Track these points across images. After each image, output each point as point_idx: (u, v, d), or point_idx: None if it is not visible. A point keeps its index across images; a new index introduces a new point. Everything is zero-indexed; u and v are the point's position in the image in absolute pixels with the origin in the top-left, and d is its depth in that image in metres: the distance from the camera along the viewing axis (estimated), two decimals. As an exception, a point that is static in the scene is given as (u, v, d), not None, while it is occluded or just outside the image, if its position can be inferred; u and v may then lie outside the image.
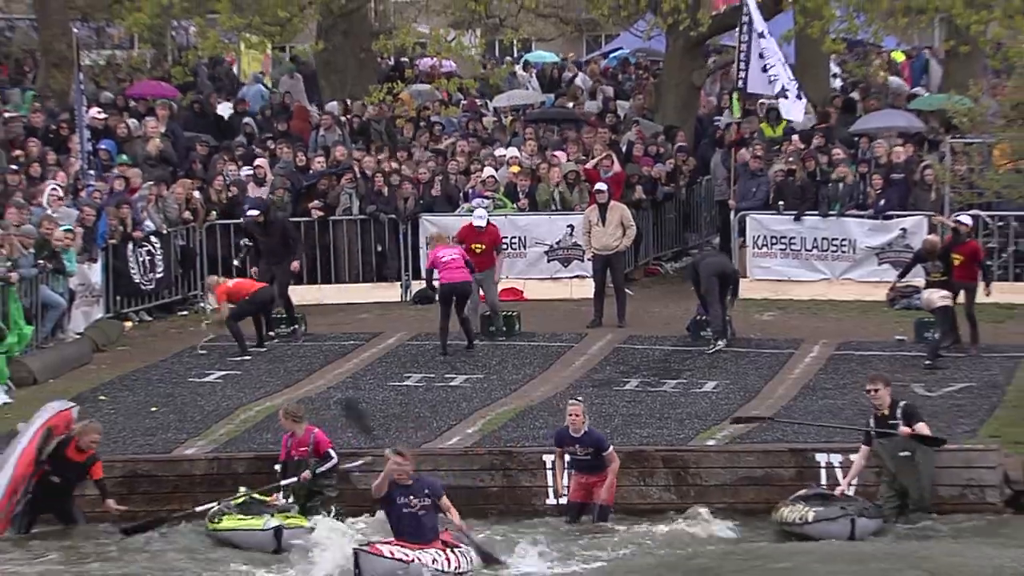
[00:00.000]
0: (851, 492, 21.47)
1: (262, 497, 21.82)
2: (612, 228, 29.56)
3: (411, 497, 18.83)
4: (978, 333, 27.27)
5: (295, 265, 29.87)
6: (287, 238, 29.95)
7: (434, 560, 18.67)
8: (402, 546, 18.66)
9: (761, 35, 30.78)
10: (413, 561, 18.48)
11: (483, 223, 29.31)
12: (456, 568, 18.91)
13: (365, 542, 18.90)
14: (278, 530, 21.14)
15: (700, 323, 28.38)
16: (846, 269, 30.56)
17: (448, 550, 18.95)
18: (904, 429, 21.39)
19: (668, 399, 25.12)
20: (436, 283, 28.76)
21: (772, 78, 30.85)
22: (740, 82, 31.64)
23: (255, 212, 29.97)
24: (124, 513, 21.99)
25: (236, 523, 21.42)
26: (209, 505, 21.67)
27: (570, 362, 27.43)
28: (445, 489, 19.70)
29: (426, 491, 18.95)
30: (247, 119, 37.71)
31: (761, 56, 30.62)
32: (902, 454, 21.42)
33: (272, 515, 21.46)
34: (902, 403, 21.76)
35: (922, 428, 21.32)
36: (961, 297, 26.98)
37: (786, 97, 31.26)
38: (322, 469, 21.64)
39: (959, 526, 21.18)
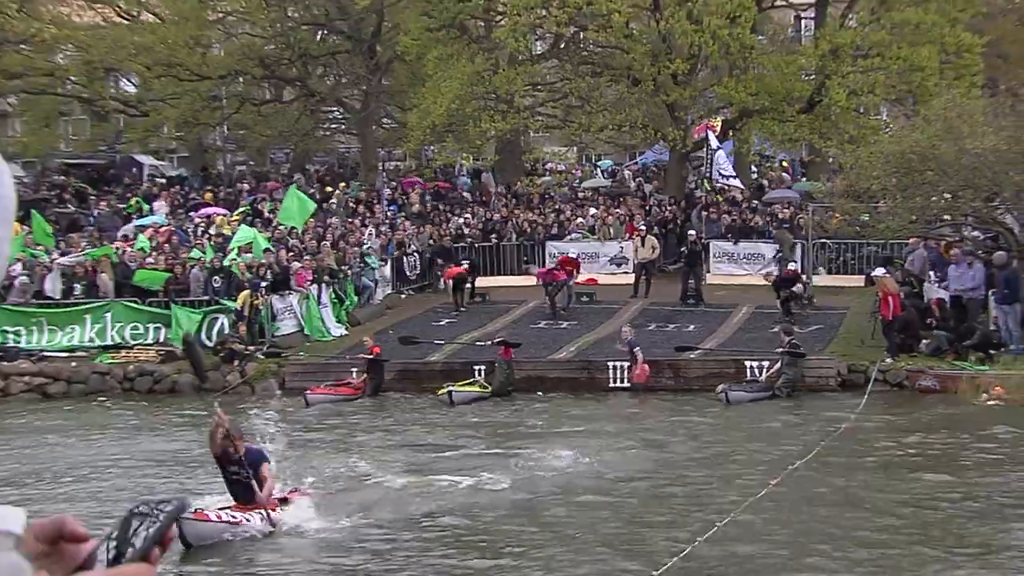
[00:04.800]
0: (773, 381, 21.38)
1: (462, 389, 21.31)
2: (648, 248, 29.68)
3: (238, 468, 12.04)
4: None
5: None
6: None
7: (262, 519, 12.05)
8: (231, 510, 12.06)
9: (716, 150, 30.51)
10: (240, 523, 11.87)
11: (575, 256, 29.68)
12: (279, 522, 12.22)
13: (193, 509, 11.52)
14: (449, 393, 20.91)
15: (688, 295, 28.18)
16: (760, 268, 30.25)
17: (272, 511, 12.25)
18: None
19: (669, 334, 25.08)
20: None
21: (722, 171, 30.63)
22: (707, 172, 31.26)
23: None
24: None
25: (440, 391, 21.43)
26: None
27: (620, 316, 27.28)
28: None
29: (249, 465, 12.10)
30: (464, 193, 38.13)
31: (716, 160, 30.40)
32: (788, 363, 21.46)
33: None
34: (791, 339, 21.74)
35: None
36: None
37: (729, 181, 31.14)
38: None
39: (814, 400, 21.12)
